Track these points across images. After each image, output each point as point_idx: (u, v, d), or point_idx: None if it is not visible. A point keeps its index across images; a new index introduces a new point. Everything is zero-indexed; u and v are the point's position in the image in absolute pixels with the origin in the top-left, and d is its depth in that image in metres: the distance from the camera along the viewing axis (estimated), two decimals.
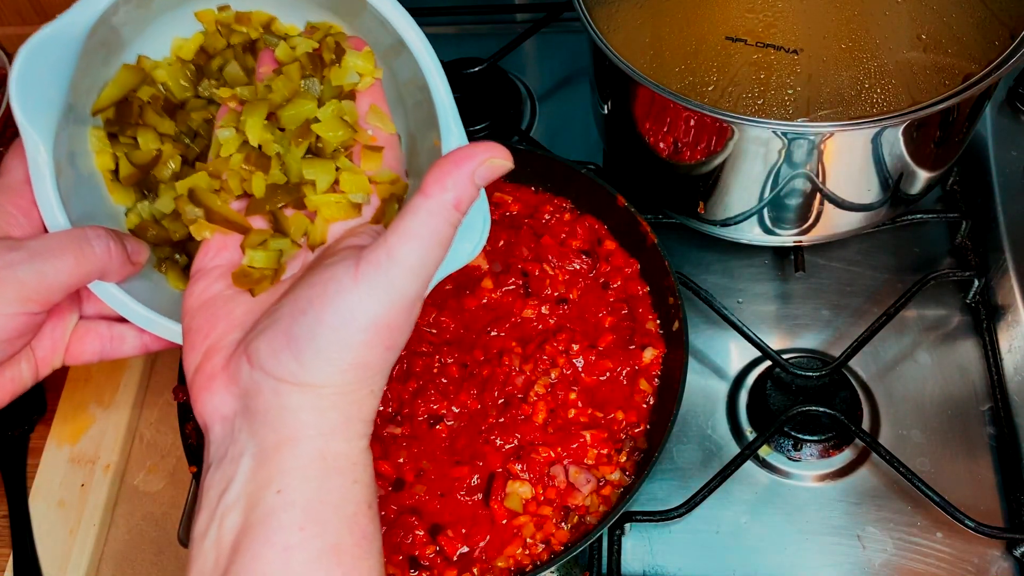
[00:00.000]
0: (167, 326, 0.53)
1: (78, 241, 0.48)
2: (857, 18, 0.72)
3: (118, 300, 0.52)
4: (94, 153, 0.53)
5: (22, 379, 0.51)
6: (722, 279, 0.87)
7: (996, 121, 0.90)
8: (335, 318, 0.42)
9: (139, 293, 0.53)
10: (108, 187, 0.54)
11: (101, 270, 0.49)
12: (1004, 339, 0.80)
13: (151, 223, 0.55)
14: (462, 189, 0.42)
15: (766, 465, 0.77)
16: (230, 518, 0.41)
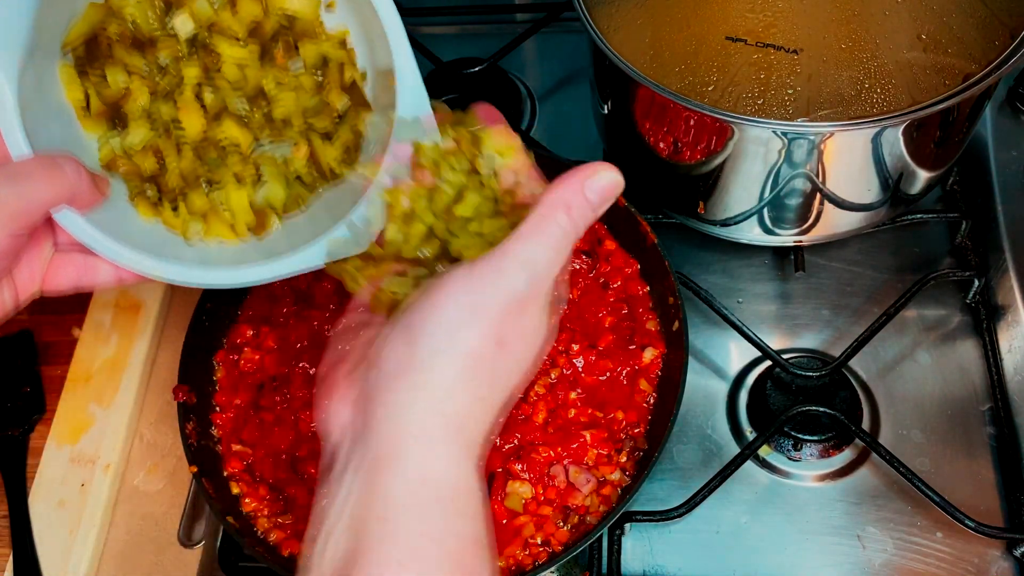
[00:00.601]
0: (133, 257, 0.55)
1: (49, 164, 0.50)
2: (857, 18, 0.72)
3: (86, 233, 0.54)
4: (64, 87, 0.54)
5: (4, 306, 0.54)
6: (722, 279, 0.87)
7: (996, 121, 0.90)
8: (447, 301, 0.43)
9: (109, 226, 0.54)
10: (80, 120, 0.56)
11: (72, 192, 0.51)
12: (1004, 339, 0.80)
13: (122, 157, 0.56)
14: (571, 196, 0.48)
15: (766, 465, 0.77)
16: (337, 539, 0.41)
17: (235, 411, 0.75)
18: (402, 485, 0.41)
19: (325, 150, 0.58)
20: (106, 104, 0.55)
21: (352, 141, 0.59)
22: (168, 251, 0.57)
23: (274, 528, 0.69)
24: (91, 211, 0.54)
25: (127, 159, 0.56)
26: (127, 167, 0.57)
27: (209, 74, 0.56)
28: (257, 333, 0.79)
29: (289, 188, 0.59)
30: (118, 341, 0.87)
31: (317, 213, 0.60)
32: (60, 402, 0.84)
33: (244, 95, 0.57)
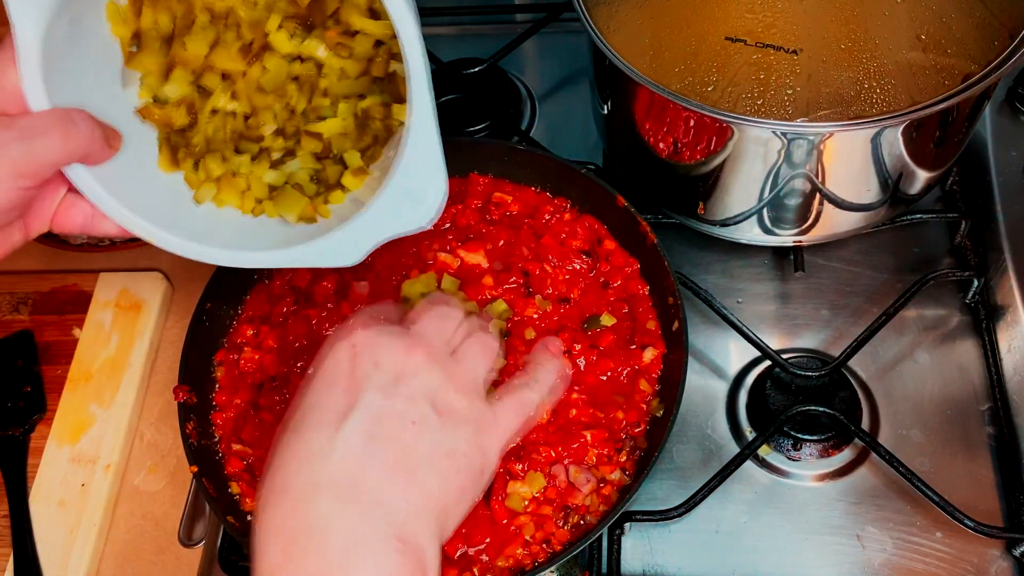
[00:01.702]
0: (133, 220, 0.56)
1: (64, 120, 0.51)
2: (857, 18, 0.72)
3: (92, 190, 0.55)
4: (109, 22, 0.55)
5: (12, 241, 0.54)
6: (722, 279, 0.87)
7: (996, 121, 0.90)
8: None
9: (117, 182, 0.56)
10: (125, 57, 0.57)
11: (84, 150, 0.52)
12: (1003, 339, 0.80)
13: (156, 106, 0.58)
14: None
15: (766, 465, 0.77)
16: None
17: (235, 411, 0.75)
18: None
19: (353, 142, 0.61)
20: (157, 40, 0.57)
21: (381, 133, 0.61)
22: (169, 219, 0.58)
23: None
24: (101, 166, 0.55)
25: (161, 107, 0.58)
26: (161, 115, 0.58)
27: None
28: (257, 333, 0.79)
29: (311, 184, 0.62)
30: (118, 341, 0.87)
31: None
32: (60, 402, 0.84)
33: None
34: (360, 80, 0.61)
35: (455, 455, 0.51)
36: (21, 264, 0.95)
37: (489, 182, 0.85)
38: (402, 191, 0.57)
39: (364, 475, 0.47)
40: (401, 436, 0.49)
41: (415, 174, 0.56)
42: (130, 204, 0.56)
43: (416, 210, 0.57)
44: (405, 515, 0.47)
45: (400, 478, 0.48)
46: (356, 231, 0.59)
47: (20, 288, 0.93)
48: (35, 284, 0.93)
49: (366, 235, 0.59)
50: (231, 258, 0.59)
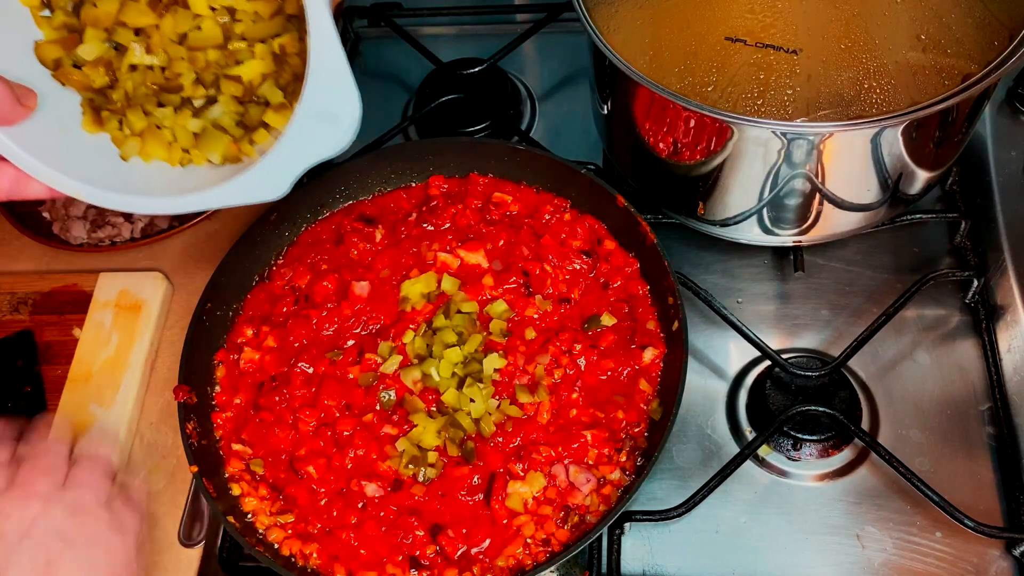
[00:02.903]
0: (64, 181, 0.58)
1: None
2: (857, 18, 0.72)
3: (16, 155, 0.56)
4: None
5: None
6: (722, 279, 0.88)
7: (995, 121, 0.90)
8: None
9: (37, 141, 0.57)
10: (35, 20, 0.58)
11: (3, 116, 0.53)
12: (1003, 339, 0.81)
13: (73, 69, 0.59)
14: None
15: (766, 465, 0.77)
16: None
17: (235, 411, 0.75)
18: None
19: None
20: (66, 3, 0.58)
21: (300, 69, 0.61)
22: (98, 176, 0.60)
23: (274, 528, 0.69)
24: (23, 129, 0.55)
25: (78, 70, 0.59)
26: (79, 78, 0.59)
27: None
28: (257, 333, 0.79)
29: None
30: (118, 341, 0.87)
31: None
32: (60, 402, 0.84)
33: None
34: (275, 20, 0.61)
35: (62, 557, 0.60)
36: (21, 264, 0.95)
37: (489, 182, 0.85)
38: (315, 114, 0.57)
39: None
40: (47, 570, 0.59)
41: (326, 95, 0.57)
42: (56, 164, 0.57)
43: (333, 133, 0.58)
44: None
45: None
46: (277, 162, 0.59)
47: (20, 288, 0.93)
48: (35, 284, 0.93)
49: (287, 164, 0.60)
50: (160, 205, 0.61)
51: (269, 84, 0.61)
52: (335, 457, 0.71)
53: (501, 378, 0.73)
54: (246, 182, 0.60)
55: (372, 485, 0.70)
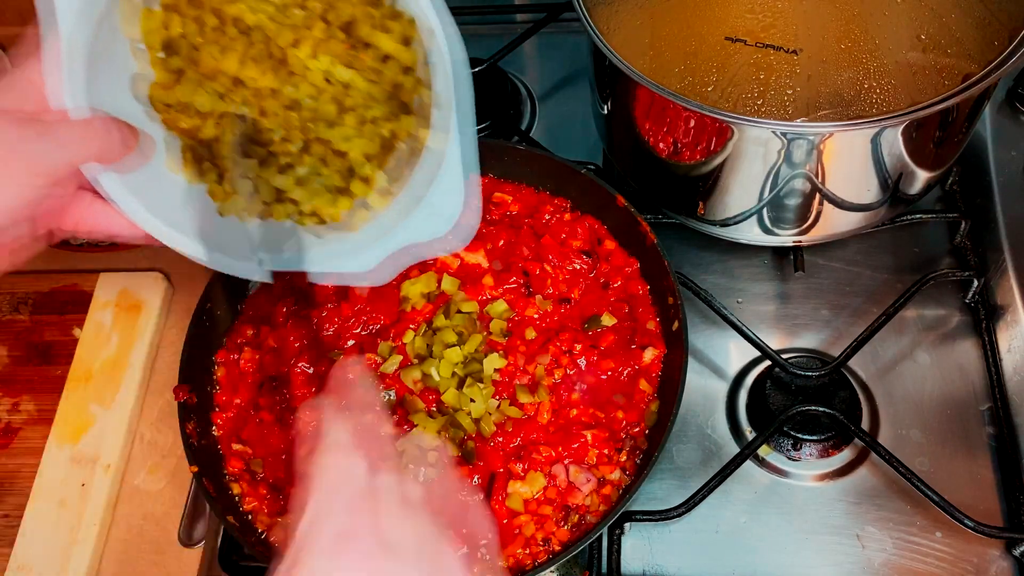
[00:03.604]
0: (158, 226, 0.56)
1: (84, 122, 0.51)
2: (857, 18, 0.72)
3: (118, 193, 0.54)
4: (141, 24, 0.55)
5: (36, 244, 0.54)
6: (722, 279, 0.87)
7: (995, 121, 0.90)
8: None
9: (137, 181, 0.55)
10: (152, 61, 0.56)
11: (102, 151, 0.52)
12: (1003, 339, 0.80)
13: (181, 115, 0.57)
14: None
15: (766, 465, 0.77)
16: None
17: (235, 411, 0.75)
18: None
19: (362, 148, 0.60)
20: (185, 49, 0.56)
21: (405, 154, 0.60)
22: (185, 222, 0.58)
23: (274, 528, 0.69)
24: (122, 169, 0.54)
25: (186, 117, 0.57)
26: (186, 126, 0.58)
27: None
28: (257, 333, 0.79)
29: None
30: (118, 341, 0.87)
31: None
32: (60, 402, 0.84)
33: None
34: (388, 104, 0.60)
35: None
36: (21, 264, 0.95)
37: (489, 182, 0.85)
38: (417, 201, 0.57)
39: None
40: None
41: (433, 190, 0.57)
42: (150, 206, 0.56)
43: (432, 222, 0.58)
44: None
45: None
46: (368, 236, 0.59)
47: (20, 288, 0.93)
48: (35, 284, 0.93)
49: (379, 241, 0.59)
50: (244, 269, 0.59)
51: (372, 165, 0.60)
52: None
53: (501, 378, 0.73)
54: (333, 249, 0.59)
55: None
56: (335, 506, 0.48)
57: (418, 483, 0.51)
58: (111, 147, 0.52)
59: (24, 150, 0.48)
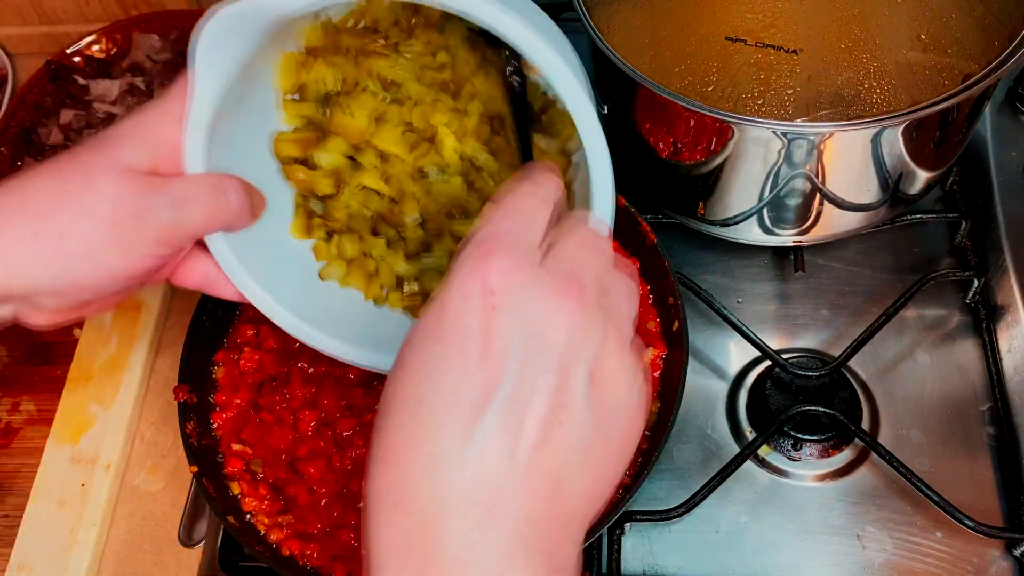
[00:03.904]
0: (256, 291, 0.55)
1: (216, 190, 0.49)
2: (857, 18, 0.72)
3: (227, 260, 0.53)
4: (280, 72, 0.54)
5: (128, 293, 0.51)
6: (722, 279, 0.87)
7: (996, 121, 0.90)
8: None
9: (246, 246, 0.54)
10: (283, 104, 0.55)
11: (232, 221, 0.50)
12: (1004, 339, 0.80)
13: (299, 166, 0.56)
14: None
15: (766, 465, 0.77)
16: None
17: (235, 411, 0.75)
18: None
19: None
20: (318, 96, 0.55)
21: None
22: (289, 291, 0.56)
23: (274, 528, 0.69)
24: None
25: (305, 169, 0.56)
26: (304, 178, 0.56)
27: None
28: (257, 333, 0.79)
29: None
30: (118, 341, 0.87)
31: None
32: (60, 402, 0.84)
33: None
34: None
35: (610, 444, 0.39)
36: None
37: None
38: None
39: (504, 495, 0.36)
40: (551, 431, 0.37)
41: None
42: (255, 272, 0.54)
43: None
44: (553, 533, 0.37)
45: (547, 488, 0.37)
46: None
47: None
48: None
49: None
50: (348, 353, 0.57)
51: None
52: (335, 458, 0.71)
53: None
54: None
55: None
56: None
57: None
58: (241, 219, 0.51)
59: (153, 220, 0.46)
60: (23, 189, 0.45)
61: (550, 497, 0.37)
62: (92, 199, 0.45)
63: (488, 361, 0.37)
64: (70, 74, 1.03)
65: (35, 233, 0.44)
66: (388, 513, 0.37)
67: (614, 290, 0.41)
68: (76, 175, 0.45)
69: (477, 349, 0.37)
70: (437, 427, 0.36)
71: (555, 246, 0.41)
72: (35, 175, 0.46)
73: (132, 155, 0.47)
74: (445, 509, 0.35)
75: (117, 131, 0.47)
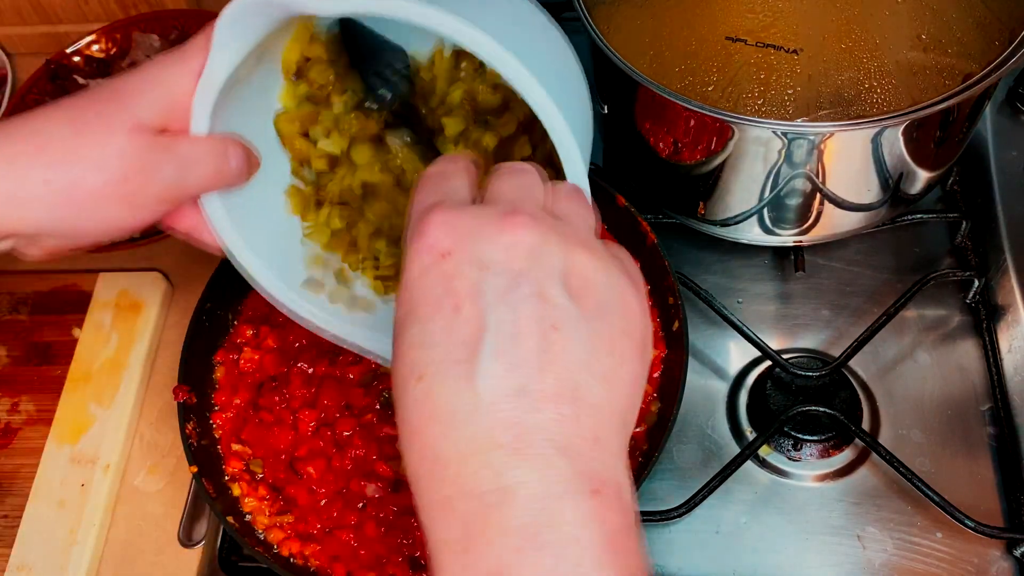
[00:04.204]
0: (245, 254, 0.56)
1: (220, 154, 0.51)
2: (857, 18, 0.72)
3: (218, 215, 0.54)
4: (289, 46, 0.56)
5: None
6: (722, 279, 0.87)
7: (996, 121, 0.90)
8: None
9: (239, 207, 0.55)
10: (286, 84, 0.57)
11: (231, 182, 0.52)
12: (1004, 339, 0.80)
13: (300, 138, 0.58)
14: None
15: (766, 465, 0.77)
16: None
17: (235, 411, 0.75)
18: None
19: None
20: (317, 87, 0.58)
21: None
22: (274, 258, 0.58)
23: (274, 528, 0.69)
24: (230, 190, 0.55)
25: (305, 140, 0.58)
26: (301, 147, 0.58)
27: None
28: (257, 333, 0.79)
29: None
30: (118, 341, 0.87)
31: None
32: (60, 402, 0.84)
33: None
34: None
35: (613, 343, 0.39)
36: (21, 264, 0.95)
37: None
38: None
39: (526, 422, 0.36)
40: (550, 352, 0.37)
41: None
42: (243, 232, 0.56)
43: None
44: (586, 449, 0.36)
45: (566, 407, 0.36)
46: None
47: (20, 288, 0.93)
48: (35, 284, 0.93)
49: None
50: (327, 322, 0.59)
51: None
52: (335, 458, 0.71)
53: None
54: (371, 321, 0.60)
55: (372, 486, 0.70)
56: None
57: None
58: (239, 179, 0.53)
59: (158, 178, 0.49)
60: (41, 134, 0.47)
61: (572, 416, 0.36)
62: (104, 154, 0.47)
63: (461, 310, 0.37)
64: (70, 74, 1.03)
65: (47, 180, 0.46)
66: (424, 476, 0.38)
67: (562, 209, 0.42)
68: (92, 125, 0.47)
69: (449, 305, 0.37)
70: (440, 389, 0.37)
71: (487, 190, 0.42)
72: (53, 117, 0.48)
73: (146, 111, 0.48)
74: (474, 454, 0.36)
75: (135, 82, 0.49)
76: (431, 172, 0.44)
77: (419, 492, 0.38)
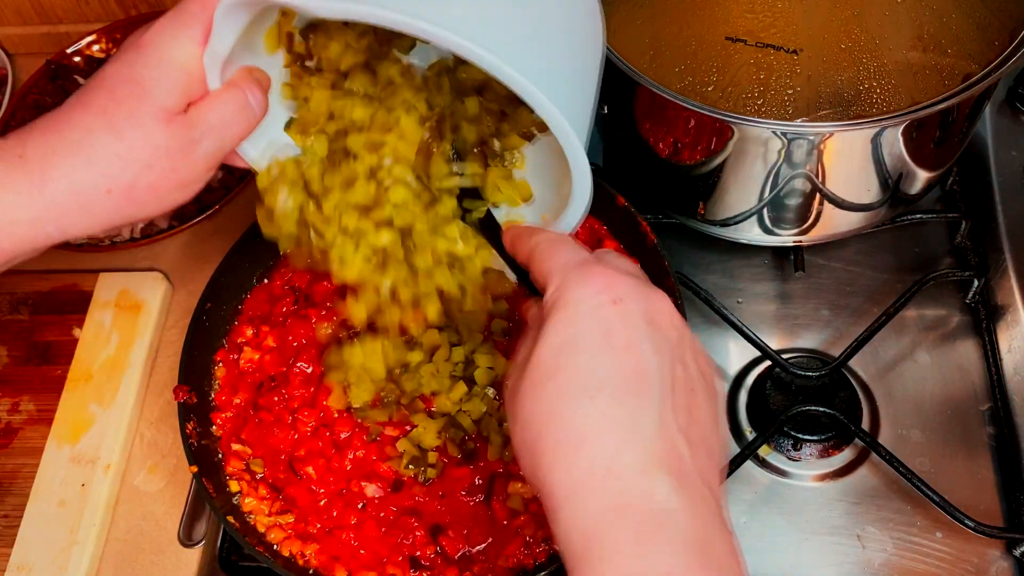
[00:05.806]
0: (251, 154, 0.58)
1: (245, 106, 0.53)
2: (857, 18, 0.72)
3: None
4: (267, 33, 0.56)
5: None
6: (722, 279, 0.87)
7: (996, 121, 0.90)
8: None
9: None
10: (267, 33, 0.57)
11: (260, 120, 0.55)
12: (1004, 339, 0.80)
13: (303, 83, 0.59)
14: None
15: (766, 465, 0.77)
16: None
17: (235, 411, 0.75)
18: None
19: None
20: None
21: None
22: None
23: (274, 528, 0.69)
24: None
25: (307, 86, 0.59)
26: (302, 93, 0.59)
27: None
28: (257, 333, 0.79)
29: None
30: (118, 341, 0.87)
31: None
32: (60, 402, 0.84)
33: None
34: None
35: (713, 409, 0.48)
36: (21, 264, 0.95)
37: None
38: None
39: (686, 457, 0.43)
40: (692, 409, 0.46)
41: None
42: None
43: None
44: (714, 482, 0.45)
45: (703, 454, 0.45)
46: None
47: (20, 288, 0.93)
48: (35, 284, 0.93)
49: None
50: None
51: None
52: (334, 458, 0.71)
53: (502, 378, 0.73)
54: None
55: (372, 486, 0.70)
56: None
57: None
58: (262, 108, 0.55)
59: (200, 151, 0.51)
60: (83, 144, 0.49)
61: (708, 462, 0.45)
62: (151, 153, 0.50)
63: (629, 351, 0.45)
64: (70, 74, 1.03)
65: (109, 190, 0.50)
66: (591, 485, 0.43)
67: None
68: (128, 127, 0.49)
69: (620, 344, 0.45)
70: (615, 407, 0.43)
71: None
72: (88, 124, 0.50)
73: (167, 97, 0.50)
74: (644, 471, 0.43)
75: (148, 70, 0.50)
76: (555, 237, 0.52)
77: (583, 495, 0.42)
